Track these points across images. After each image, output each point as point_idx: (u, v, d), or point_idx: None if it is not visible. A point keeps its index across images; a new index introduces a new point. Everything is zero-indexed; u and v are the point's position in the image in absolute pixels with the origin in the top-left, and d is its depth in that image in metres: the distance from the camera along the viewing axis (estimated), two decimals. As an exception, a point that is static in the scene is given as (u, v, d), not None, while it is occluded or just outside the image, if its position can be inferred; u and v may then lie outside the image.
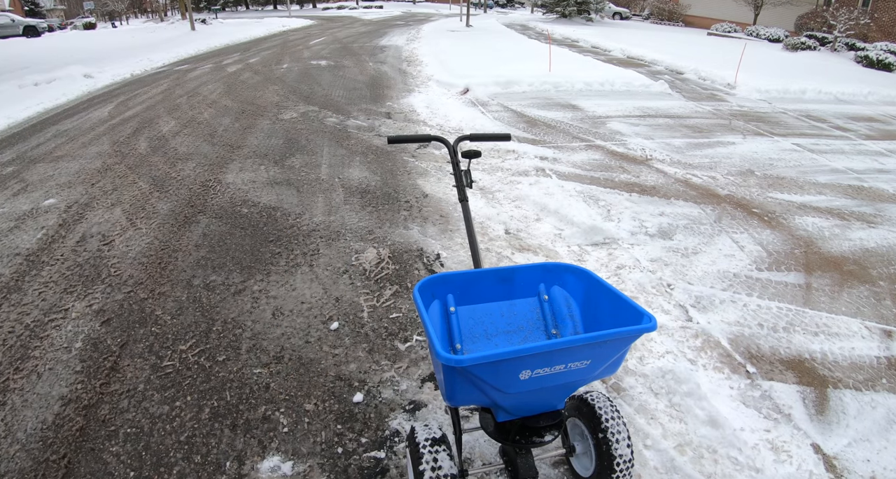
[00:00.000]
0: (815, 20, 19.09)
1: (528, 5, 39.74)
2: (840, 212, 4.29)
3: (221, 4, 39.57)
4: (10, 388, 2.21)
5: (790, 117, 7.84)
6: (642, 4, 31.96)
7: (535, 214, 3.96)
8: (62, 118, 7.13)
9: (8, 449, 1.91)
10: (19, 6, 37.04)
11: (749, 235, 3.78)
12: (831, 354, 2.55)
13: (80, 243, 3.50)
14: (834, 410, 2.20)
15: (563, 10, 26.21)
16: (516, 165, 5.02)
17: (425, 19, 28.18)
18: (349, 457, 1.89)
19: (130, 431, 2.00)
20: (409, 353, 2.45)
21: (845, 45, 17.04)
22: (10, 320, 2.67)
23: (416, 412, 2.10)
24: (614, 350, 1.36)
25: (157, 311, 2.75)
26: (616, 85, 9.21)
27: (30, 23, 26.52)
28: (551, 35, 16.26)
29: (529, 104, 7.88)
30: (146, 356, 2.41)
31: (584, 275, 1.65)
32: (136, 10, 39.93)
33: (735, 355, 2.49)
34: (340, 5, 45.23)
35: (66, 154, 5.42)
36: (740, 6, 23.39)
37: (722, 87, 10.11)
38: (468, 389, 1.33)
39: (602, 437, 1.58)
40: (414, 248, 3.44)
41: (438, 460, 1.48)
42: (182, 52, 14.37)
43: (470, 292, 1.67)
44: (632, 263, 3.29)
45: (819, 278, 3.25)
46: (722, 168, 5.24)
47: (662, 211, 4.11)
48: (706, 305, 2.89)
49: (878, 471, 1.92)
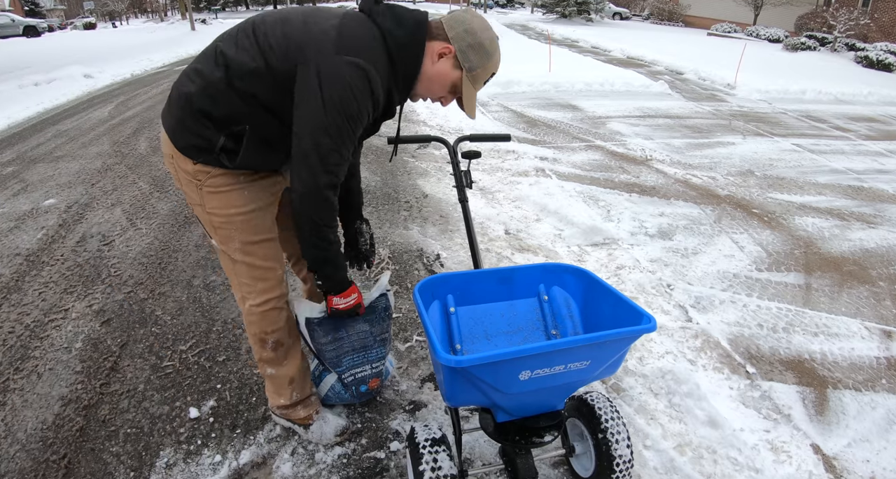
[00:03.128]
0: (815, 20, 19.09)
1: (527, 5, 39.75)
2: (840, 212, 4.30)
3: (221, 4, 39.57)
4: (10, 388, 2.21)
5: (790, 118, 7.85)
6: (642, 4, 31.97)
7: (535, 214, 3.96)
8: (62, 118, 7.13)
9: (8, 449, 1.91)
10: (19, 6, 37.06)
11: (749, 235, 3.78)
12: (831, 354, 2.55)
13: (80, 243, 3.50)
14: (833, 410, 2.21)
15: (563, 11, 26.22)
16: (516, 166, 5.03)
17: (425, 19, 28.19)
18: (349, 457, 1.89)
19: (130, 431, 2.00)
20: (410, 353, 2.45)
21: (845, 45, 17.05)
22: (11, 321, 2.67)
23: (416, 412, 2.10)
24: (614, 351, 1.36)
25: (158, 311, 2.75)
26: (616, 85, 9.22)
27: (30, 23, 26.54)
28: (551, 35, 16.27)
29: (529, 104, 7.89)
30: (146, 357, 2.41)
31: (584, 275, 1.66)
32: (136, 10, 39.93)
33: (735, 356, 2.49)
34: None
35: (66, 154, 5.43)
36: (740, 6, 23.40)
37: (722, 87, 10.12)
38: (468, 389, 1.33)
39: (602, 437, 1.58)
40: (414, 248, 3.44)
41: (438, 460, 1.48)
42: (182, 52, 14.39)
43: (470, 292, 1.67)
44: (631, 263, 3.29)
45: (819, 278, 3.26)
46: (722, 168, 5.25)
47: (662, 211, 4.11)
48: (706, 305, 2.89)
49: (878, 471, 1.92)
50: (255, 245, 1.64)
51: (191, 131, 1.47)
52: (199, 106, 1.44)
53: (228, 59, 1.42)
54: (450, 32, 1.46)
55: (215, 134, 1.46)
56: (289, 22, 1.43)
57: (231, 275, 1.72)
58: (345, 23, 1.40)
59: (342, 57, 1.34)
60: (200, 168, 1.52)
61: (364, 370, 1.91)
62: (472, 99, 1.56)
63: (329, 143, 1.38)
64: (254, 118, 1.45)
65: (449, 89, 1.54)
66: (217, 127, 1.46)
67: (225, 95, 1.42)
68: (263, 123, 1.46)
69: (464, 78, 1.50)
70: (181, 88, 1.48)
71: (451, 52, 1.47)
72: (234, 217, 1.58)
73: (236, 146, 1.48)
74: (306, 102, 1.36)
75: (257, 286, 1.68)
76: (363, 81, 1.36)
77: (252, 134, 1.46)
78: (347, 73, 1.34)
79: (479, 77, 1.52)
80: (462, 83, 1.51)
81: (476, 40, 1.46)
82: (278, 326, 1.75)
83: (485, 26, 1.48)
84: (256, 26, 1.45)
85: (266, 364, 1.83)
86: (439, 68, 1.49)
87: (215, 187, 1.55)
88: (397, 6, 1.48)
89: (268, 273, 1.69)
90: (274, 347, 1.78)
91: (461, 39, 1.45)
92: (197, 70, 1.46)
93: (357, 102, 1.37)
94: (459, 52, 1.46)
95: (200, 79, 1.44)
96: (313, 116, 1.36)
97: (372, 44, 1.40)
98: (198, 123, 1.46)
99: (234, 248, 1.63)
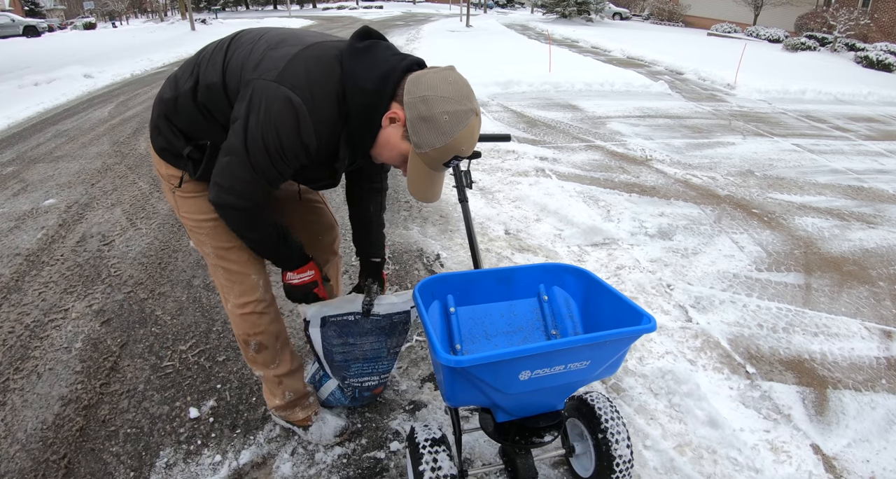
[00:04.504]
0: (815, 21, 19.09)
1: (527, 5, 39.77)
2: (840, 212, 4.30)
3: (221, 5, 39.59)
4: (10, 388, 2.21)
5: (790, 118, 7.85)
6: (642, 5, 31.97)
7: (535, 214, 3.96)
8: (62, 118, 7.13)
9: (8, 449, 1.91)
10: (19, 6, 37.06)
11: (749, 235, 3.78)
12: (831, 354, 2.55)
13: (80, 243, 3.50)
14: (833, 410, 2.21)
15: (563, 11, 26.21)
16: (516, 166, 5.03)
17: (425, 19, 28.22)
18: (349, 457, 1.89)
19: (130, 431, 2.00)
20: (410, 353, 2.45)
21: (845, 45, 17.05)
22: (10, 321, 2.67)
23: (416, 412, 2.10)
24: (614, 351, 1.36)
25: (157, 311, 2.75)
26: (616, 85, 9.22)
27: (30, 23, 26.53)
28: (551, 35, 16.28)
29: (529, 104, 7.89)
30: (146, 357, 2.41)
31: (584, 275, 1.66)
32: (136, 10, 39.92)
33: (735, 356, 2.49)
34: (340, 5, 45.26)
35: (66, 154, 5.43)
36: (740, 6, 23.40)
37: (722, 87, 10.12)
38: (468, 389, 1.33)
39: (602, 437, 1.58)
40: (414, 248, 3.44)
41: (438, 460, 1.48)
42: (182, 52, 14.37)
43: (470, 292, 1.67)
44: (631, 263, 3.29)
45: (819, 278, 3.26)
46: (722, 168, 5.25)
47: (662, 211, 4.11)
48: (706, 305, 2.89)
49: (878, 472, 1.92)
50: (227, 250, 1.62)
51: (164, 136, 1.49)
52: (168, 114, 1.46)
53: (200, 71, 1.41)
54: (406, 96, 1.23)
55: (183, 144, 1.47)
56: (259, 42, 1.37)
57: (213, 275, 1.72)
58: (306, 53, 1.27)
59: (279, 87, 1.22)
60: (173, 172, 1.53)
61: (372, 380, 1.92)
62: (421, 180, 1.32)
63: (239, 169, 1.31)
64: (212, 134, 1.44)
65: (400, 161, 1.34)
66: (185, 137, 1.47)
67: (189, 108, 1.42)
68: (220, 139, 1.40)
69: (411, 155, 1.28)
70: (162, 92, 1.49)
71: (401, 119, 1.25)
72: (203, 223, 1.58)
73: (200, 157, 1.47)
74: (234, 121, 1.31)
75: (234, 289, 1.68)
76: (290, 119, 1.22)
77: (212, 149, 1.45)
78: (276, 105, 1.22)
79: (433, 158, 1.26)
80: (409, 159, 1.30)
81: (430, 113, 1.20)
82: (259, 329, 1.73)
83: (451, 97, 1.20)
84: (233, 41, 1.43)
85: (253, 365, 1.83)
86: (388, 134, 1.29)
87: (186, 192, 1.55)
88: (382, 49, 1.30)
89: (243, 278, 1.67)
90: (257, 349, 1.76)
91: (413, 108, 1.22)
92: (176, 78, 1.47)
93: (279, 139, 1.24)
94: (409, 123, 1.23)
95: (175, 89, 1.44)
96: (235, 137, 1.29)
97: (322, 83, 1.24)
98: (169, 129, 1.47)
99: (207, 252, 1.64)
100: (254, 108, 1.24)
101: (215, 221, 1.57)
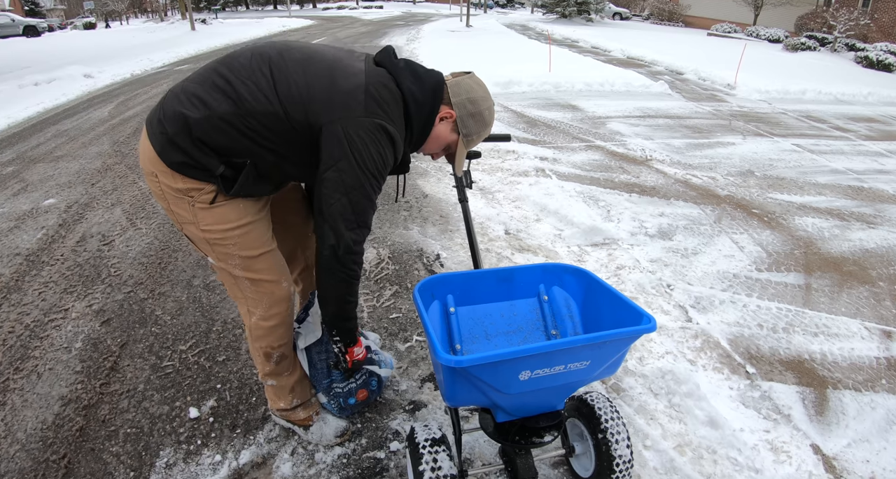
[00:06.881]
0: (815, 21, 19.09)
1: (527, 5, 39.76)
2: (840, 212, 4.30)
3: (221, 4, 39.56)
4: (10, 388, 2.21)
5: (790, 118, 7.85)
6: (642, 5, 31.97)
7: (535, 214, 3.96)
8: (62, 118, 7.13)
9: (8, 449, 1.91)
10: (19, 6, 37.06)
11: (749, 235, 3.78)
12: (831, 354, 2.55)
13: (80, 243, 3.50)
14: (833, 410, 2.21)
15: (563, 11, 26.21)
16: (516, 166, 5.03)
17: (425, 19, 28.21)
18: (349, 457, 1.89)
19: (130, 431, 2.00)
20: (409, 353, 2.45)
21: (845, 45, 17.04)
22: (10, 321, 2.67)
23: (416, 412, 2.10)
24: (614, 351, 1.36)
25: (157, 311, 2.75)
26: (616, 85, 9.22)
27: (30, 23, 26.52)
28: (551, 35, 16.28)
29: (529, 104, 7.89)
30: (146, 356, 2.41)
31: (584, 275, 1.66)
32: (136, 10, 39.91)
33: (735, 356, 2.49)
34: (340, 5, 45.24)
35: (66, 154, 5.43)
36: (740, 6, 23.40)
37: (722, 87, 10.11)
38: (468, 389, 1.33)
39: (602, 437, 1.58)
40: (414, 248, 3.44)
41: (438, 460, 1.48)
42: (182, 52, 14.37)
43: (470, 292, 1.67)
44: (631, 263, 3.29)
45: (819, 278, 3.26)
46: (722, 169, 5.25)
47: (662, 211, 4.11)
48: (706, 305, 2.89)
49: (878, 472, 1.92)
50: (255, 259, 1.59)
51: (184, 152, 1.41)
52: (198, 135, 1.39)
53: (241, 95, 1.38)
54: (454, 98, 1.55)
55: (215, 162, 1.42)
56: (311, 71, 1.42)
57: (233, 289, 1.67)
58: (371, 82, 1.44)
59: (371, 120, 1.40)
60: (193, 185, 1.45)
61: (349, 383, 1.93)
62: (462, 159, 1.68)
63: (364, 201, 1.44)
64: (255, 155, 1.44)
65: (443, 148, 1.65)
66: (217, 155, 1.42)
67: (230, 129, 1.39)
68: (264, 160, 1.46)
69: (459, 142, 1.61)
70: (179, 107, 1.40)
71: (452, 117, 1.56)
72: (229, 232, 1.52)
73: (235, 175, 1.45)
74: (337, 165, 1.39)
75: (264, 301, 1.65)
76: (387, 143, 1.44)
77: (251, 168, 1.45)
78: (374, 135, 1.40)
79: (472, 142, 1.63)
80: (457, 146, 1.62)
81: (477, 110, 1.57)
82: (284, 340, 1.75)
83: (485, 96, 1.59)
84: (274, 64, 1.41)
85: (269, 377, 1.83)
86: (439, 130, 1.58)
87: (208, 203, 1.48)
88: (416, 66, 1.56)
89: (273, 287, 1.65)
90: (278, 360, 1.78)
91: (463, 107, 1.56)
92: (199, 97, 1.40)
93: (385, 161, 1.45)
94: (460, 119, 1.56)
95: (205, 108, 1.38)
96: (348, 177, 1.40)
97: (394, 105, 1.47)
98: (195, 148, 1.40)
99: (233, 264, 1.58)
100: (354, 144, 1.39)
101: (242, 228, 1.53)
